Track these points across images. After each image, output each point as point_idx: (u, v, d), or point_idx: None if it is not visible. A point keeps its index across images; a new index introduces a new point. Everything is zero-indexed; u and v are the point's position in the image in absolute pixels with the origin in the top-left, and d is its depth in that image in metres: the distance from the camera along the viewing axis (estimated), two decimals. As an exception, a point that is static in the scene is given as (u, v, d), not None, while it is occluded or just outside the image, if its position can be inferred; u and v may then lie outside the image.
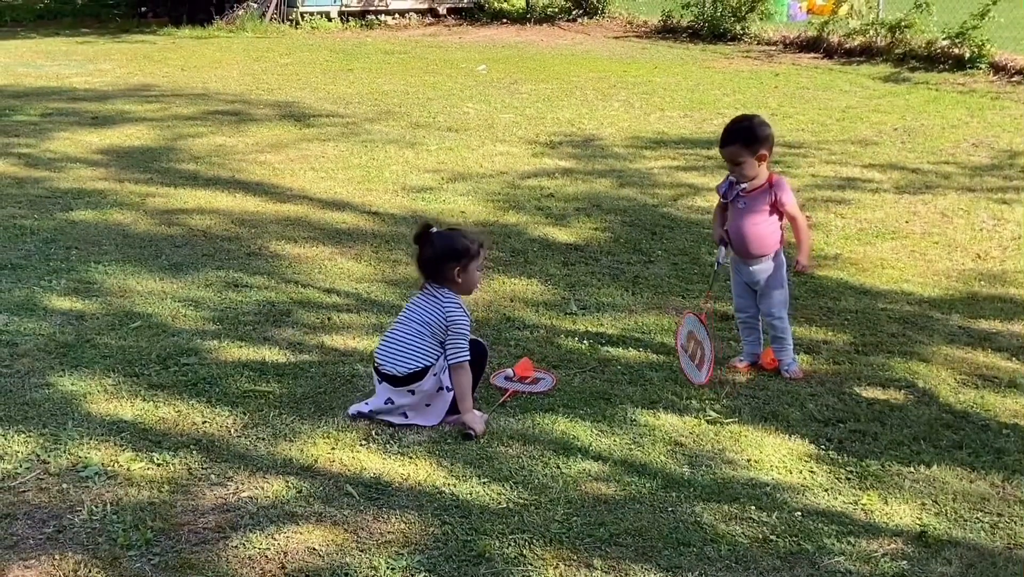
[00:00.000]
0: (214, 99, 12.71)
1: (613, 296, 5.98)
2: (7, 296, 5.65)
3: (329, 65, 15.92)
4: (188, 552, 3.39)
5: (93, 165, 9.05)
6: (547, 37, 19.87)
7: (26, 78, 14.36)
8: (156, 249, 6.63)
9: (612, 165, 9.32)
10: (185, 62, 16.21)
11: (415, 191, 8.31)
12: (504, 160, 9.52)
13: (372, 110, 12.01)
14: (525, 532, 3.53)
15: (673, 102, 12.62)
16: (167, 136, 10.36)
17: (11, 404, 4.35)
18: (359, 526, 3.56)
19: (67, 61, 16.31)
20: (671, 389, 4.72)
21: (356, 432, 4.21)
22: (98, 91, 13.23)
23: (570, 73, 15.07)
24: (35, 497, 3.67)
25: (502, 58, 16.84)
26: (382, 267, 6.42)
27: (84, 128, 10.67)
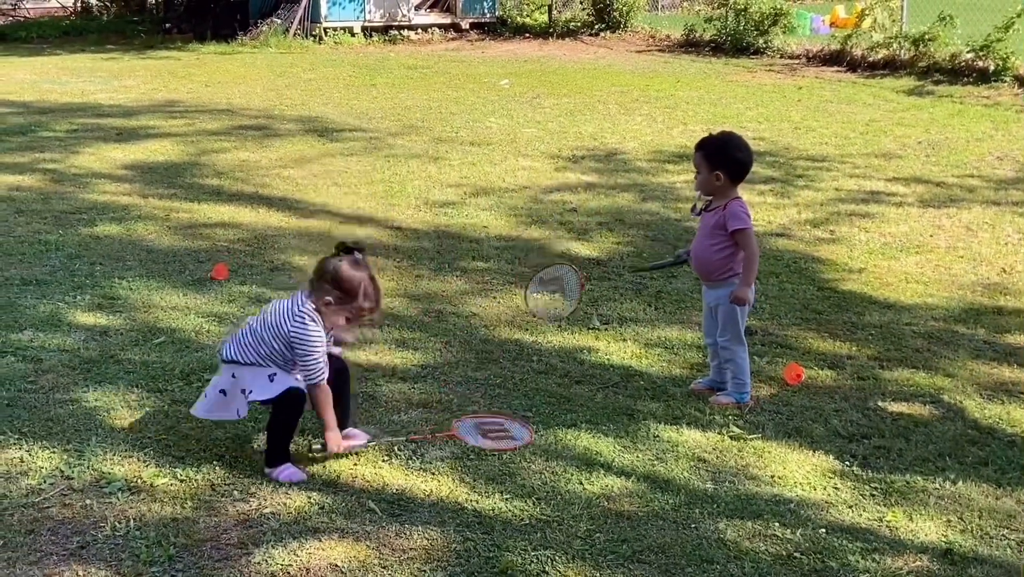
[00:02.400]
0: (238, 114, 12.78)
1: (636, 311, 5.97)
2: (32, 312, 5.69)
3: (352, 80, 15.99)
4: (211, 568, 3.39)
5: (118, 180, 9.11)
6: (570, 51, 19.91)
7: (52, 94, 14.48)
8: (180, 264, 6.66)
9: (635, 179, 9.31)
10: (209, 78, 16.32)
11: (438, 206, 8.32)
12: (527, 175, 9.52)
13: (395, 125, 12.05)
14: (548, 548, 3.52)
15: (696, 116, 12.60)
16: (191, 151, 10.43)
17: (35, 420, 4.37)
18: (381, 542, 3.55)
19: (92, 77, 16.44)
20: (694, 405, 4.70)
21: (379, 448, 4.21)
22: (123, 107, 13.33)
23: (593, 87, 15.09)
24: (59, 512, 3.69)
25: (525, 72, 16.88)
26: (404, 282, 6.42)
27: (109, 144, 10.75)
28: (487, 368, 5.10)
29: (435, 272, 6.65)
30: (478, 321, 5.77)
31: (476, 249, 7.19)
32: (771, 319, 5.85)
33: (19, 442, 4.16)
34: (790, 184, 9.10)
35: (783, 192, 8.81)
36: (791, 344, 5.46)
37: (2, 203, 8.18)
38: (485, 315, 5.87)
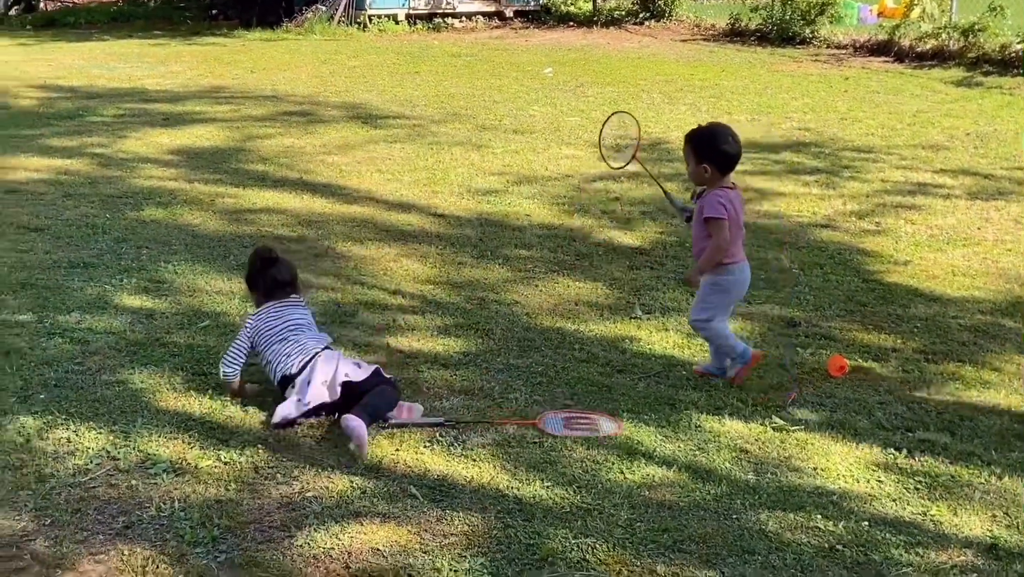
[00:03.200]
0: (283, 101, 12.85)
1: (678, 301, 5.94)
2: (80, 294, 5.76)
3: (396, 67, 16.03)
4: (254, 550, 3.42)
5: (164, 165, 9.19)
6: (614, 40, 19.83)
7: (100, 79, 14.63)
8: (225, 249, 6.71)
9: (679, 169, 9.22)
10: (255, 64, 16.42)
11: (480, 193, 8.32)
12: (570, 163, 9.51)
13: (438, 112, 12.07)
14: (588, 536, 3.52)
15: (741, 105, 12.52)
16: (237, 137, 10.50)
17: (82, 401, 4.43)
18: (423, 527, 3.57)
19: (139, 63, 16.60)
20: (736, 395, 4.67)
21: (421, 433, 4.22)
22: (170, 92, 13.45)
23: (637, 76, 15.02)
24: (105, 492, 3.74)
25: (568, 61, 16.83)
26: (447, 269, 6.44)
27: (156, 129, 10.85)
28: (529, 356, 5.10)
29: (477, 259, 6.65)
30: (520, 309, 5.77)
31: (519, 237, 7.19)
32: (815, 310, 5.80)
33: (66, 423, 4.22)
34: (836, 175, 9.01)
35: (828, 183, 8.73)
36: (835, 336, 5.42)
37: (51, 186, 8.29)
38: (527, 303, 5.87)
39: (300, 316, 4.64)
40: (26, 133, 10.54)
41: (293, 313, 4.62)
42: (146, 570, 3.28)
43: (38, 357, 4.87)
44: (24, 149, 9.71)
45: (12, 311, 5.46)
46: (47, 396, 4.46)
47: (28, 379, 4.63)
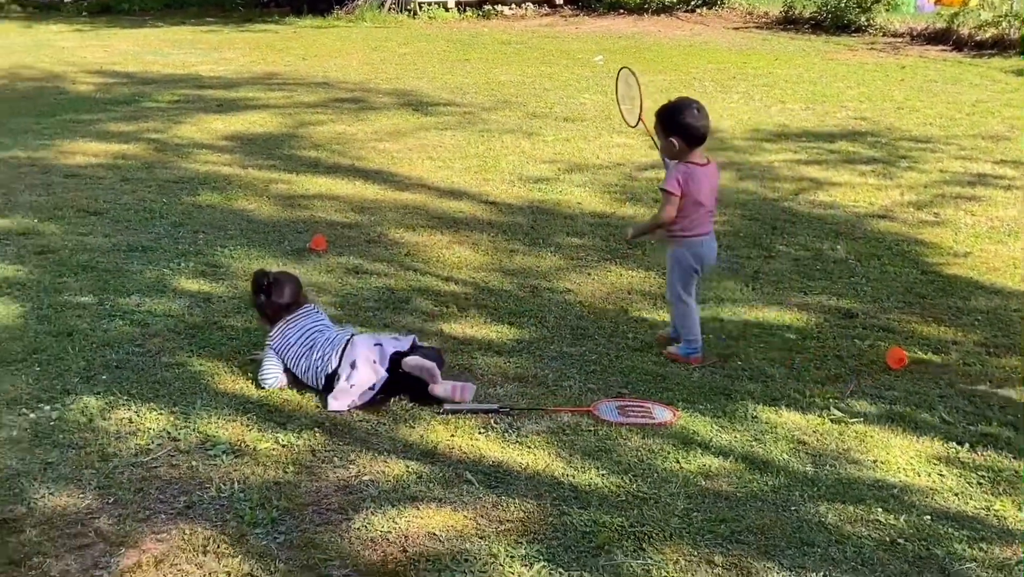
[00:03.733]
0: (334, 87, 12.91)
1: (732, 291, 5.90)
2: (139, 277, 5.82)
3: (446, 55, 16.04)
4: (312, 532, 3.45)
5: (219, 151, 9.27)
6: (665, 28, 19.71)
7: (154, 65, 14.78)
8: (279, 234, 6.76)
9: (731, 158, 9.19)
10: (306, 51, 16.50)
11: (531, 181, 8.31)
12: (621, 151, 9.47)
13: (489, 100, 12.06)
14: (645, 525, 3.51)
15: (795, 94, 12.40)
16: (289, 123, 10.56)
17: (143, 382, 4.49)
18: (478, 513, 3.57)
19: (193, 49, 16.74)
20: (793, 387, 4.64)
21: (475, 419, 4.23)
22: (223, 79, 13.55)
23: (688, 64, 14.93)
24: (166, 472, 3.78)
25: (619, 49, 16.75)
26: (499, 256, 6.44)
27: (210, 115, 10.94)
28: (582, 344, 5.09)
29: (529, 247, 6.65)
30: (573, 297, 5.76)
31: (570, 225, 7.17)
32: (873, 302, 5.74)
33: (128, 403, 4.28)
34: (893, 165, 8.90)
35: (886, 173, 8.62)
36: (893, 328, 5.36)
37: (109, 171, 8.39)
38: (580, 291, 5.86)
39: (315, 322, 4.60)
40: (84, 118, 10.67)
41: (307, 322, 4.57)
42: (207, 549, 3.32)
43: (100, 338, 4.93)
44: (82, 134, 9.84)
45: (74, 293, 5.54)
46: (109, 377, 4.52)
47: (90, 360, 4.69)
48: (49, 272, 5.87)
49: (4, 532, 3.38)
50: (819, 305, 5.68)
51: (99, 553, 3.29)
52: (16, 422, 4.10)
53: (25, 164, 8.58)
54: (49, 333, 4.99)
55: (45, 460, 3.83)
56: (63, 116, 10.78)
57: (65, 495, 3.61)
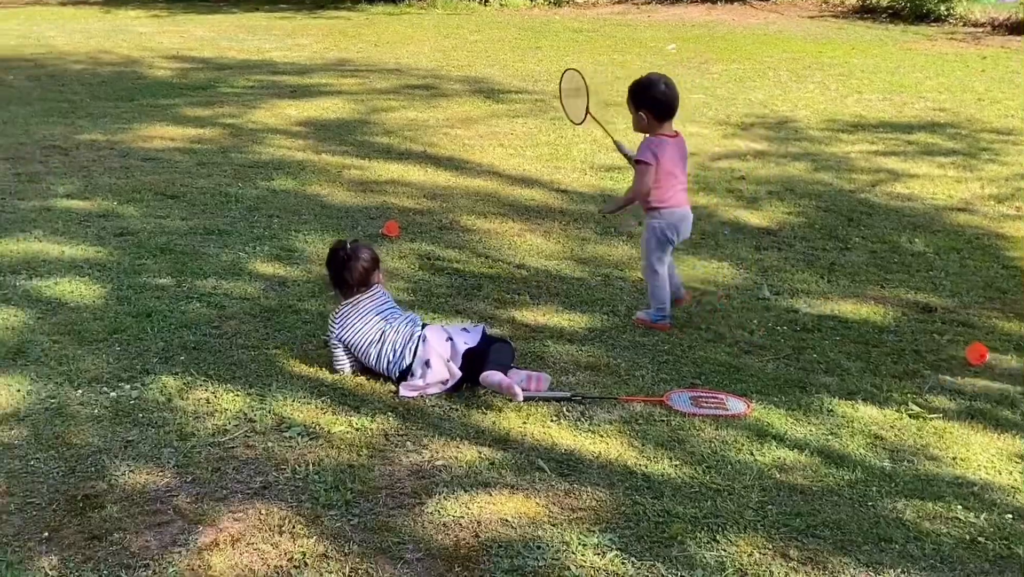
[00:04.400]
0: (406, 74, 12.96)
1: (808, 283, 5.83)
2: (215, 260, 5.90)
3: (518, 42, 16.02)
4: (385, 515, 3.47)
5: (292, 136, 9.36)
6: (738, 16, 19.49)
7: (229, 51, 14.95)
8: (352, 220, 6.81)
9: (807, 148, 9.07)
10: (378, 38, 16.59)
11: (603, 170, 8.28)
12: (694, 141, 9.36)
13: (560, 88, 12.01)
14: (718, 517, 3.48)
15: (872, 84, 12.20)
16: (362, 110, 10.63)
17: (220, 364, 4.55)
18: (551, 501, 3.57)
19: (267, 35, 16.90)
20: (870, 380, 4.57)
21: (547, 407, 4.23)
22: (297, 64, 13.67)
23: (762, 53, 14.75)
24: (243, 453, 3.83)
25: (692, 37, 16.61)
26: (570, 245, 6.42)
27: (284, 100, 11.04)
28: (655, 334, 5.06)
29: (601, 236, 6.62)
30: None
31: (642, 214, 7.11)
32: (952, 296, 5.63)
33: (205, 384, 4.34)
34: (973, 157, 8.72)
35: (966, 165, 8.45)
36: (974, 323, 5.25)
37: (186, 155, 8.51)
38: (653, 280, 5.82)
39: (380, 307, 4.51)
40: (161, 103, 10.83)
41: (372, 307, 4.49)
42: (282, 530, 3.36)
43: (178, 320, 5.01)
44: (160, 118, 9.99)
45: (153, 274, 5.63)
46: (187, 358, 4.59)
47: (169, 341, 4.77)
48: (128, 254, 5.97)
49: (86, 508, 3.45)
50: (897, 299, 5.59)
51: (177, 530, 3.35)
52: (97, 400, 4.18)
53: (104, 147, 8.74)
54: (129, 314, 5.07)
55: (126, 438, 3.90)
56: (141, 100, 10.95)
57: (145, 473, 3.67)
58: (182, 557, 3.20)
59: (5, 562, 3.15)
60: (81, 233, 6.34)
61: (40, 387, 4.29)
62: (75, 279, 5.53)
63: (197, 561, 3.19)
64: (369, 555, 3.25)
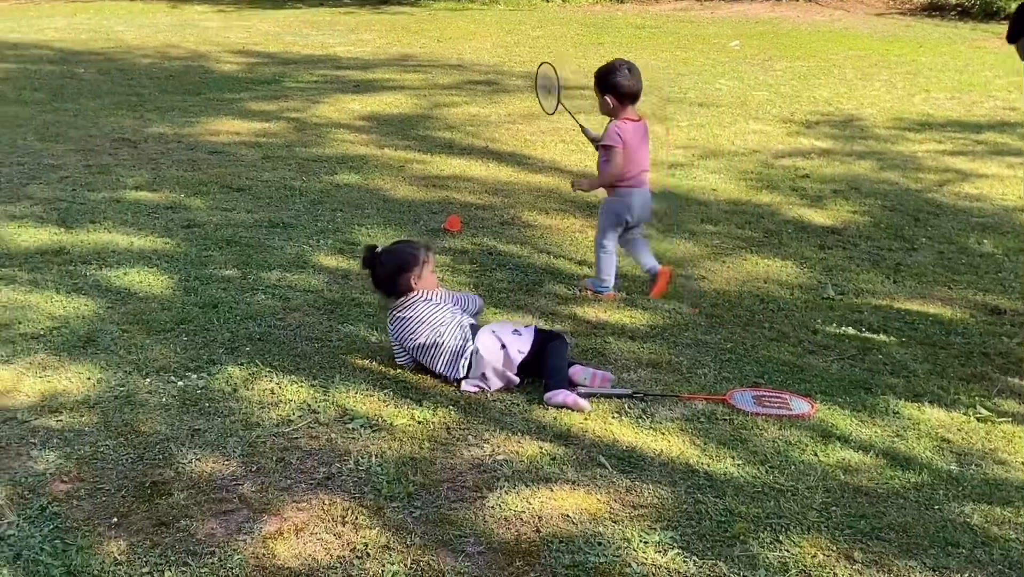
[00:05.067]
0: (468, 70, 13.00)
1: (873, 283, 5.76)
2: (281, 253, 5.97)
3: (579, 39, 16.00)
4: (447, 508, 3.49)
5: (355, 131, 9.43)
6: (803, 13, 19.29)
7: (294, 46, 15.10)
8: (415, 214, 6.85)
9: (872, 147, 8.97)
10: (441, 33, 16.65)
11: (665, 167, 8.24)
12: (757, 138, 9.32)
13: (623, 84, 11.97)
14: (781, 517, 3.45)
15: (940, 83, 12.01)
16: (424, 105, 10.68)
17: (285, 355, 4.60)
18: (612, 497, 3.57)
19: (330, 31, 17.04)
20: (936, 382, 4.51)
21: (608, 404, 4.22)
22: (360, 60, 13.77)
23: (827, 50, 14.59)
24: (307, 443, 3.87)
25: (756, 34, 16.47)
26: (633, 241, 6.39)
27: (347, 95, 11.13)
28: (717, 332, 5.03)
29: (663, 233, 6.59)
30: (707, 284, 5.70)
31: (704, 212, 7.10)
32: (1021, 299, 5.53)
33: (270, 375, 4.39)
34: (1044, 157, 8.57)
35: (1036, 166, 8.32)
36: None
37: (251, 148, 8.61)
38: (714, 279, 5.79)
39: (426, 313, 4.42)
40: (227, 97, 10.97)
41: (417, 315, 4.42)
42: (345, 520, 3.39)
43: (243, 311, 5.08)
44: (226, 112, 10.12)
45: (219, 266, 5.71)
46: (252, 349, 4.65)
47: (234, 332, 4.83)
48: (195, 245, 6.06)
49: (154, 494, 3.51)
50: (964, 300, 5.51)
51: (242, 519, 3.39)
52: (165, 389, 4.25)
53: (172, 140, 8.87)
54: (196, 304, 5.15)
55: (192, 427, 3.96)
56: (208, 94, 11.10)
57: (211, 461, 3.72)
58: (247, 545, 3.24)
59: (76, 546, 3.21)
60: (150, 224, 6.45)
61: (110, 375, 4.36)
62: (144, 269, 5.62)
63: (261, 549, 3.23)
64: (430, 547, 3.27)
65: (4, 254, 5.84)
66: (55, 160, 8.07)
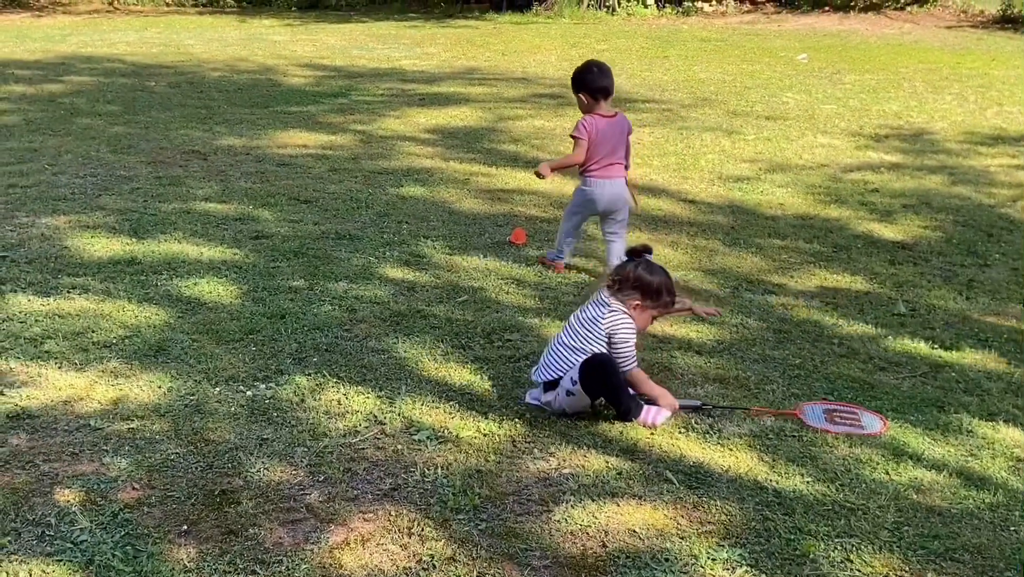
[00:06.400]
0: (533, 83, 13.03)
1: (945, 299, 5.66)
2: (347, 264, 6.01)
3: (645, 52, 15.96)
4: (512, 521, 3.48)
5: (421, 143, 9.48)
6: (872, 26, 19.07)
7: (360, 59, 15.25)
8: (480, 227, 6.86)
9: (943, 161, 8.83)
10: (505, 47, 16.71)
11: (732, 180, 8.19)
12: (825, 152, 9.22)
13: (688, 97, 11.94)
14: (852, 536, 3.40)
15: (1013, 96, 11.80)
16: (489, 118, 10.72)
17: (351, 366, 4.62)
18: (679, 513, 3.53)
19: (396, 44, 17.18)
20: (1011, 401, 4.41)
21: (675, 419, 4.19)
22: (425, 73, 13.86)
23: (897, 64, 14.40)
24: (373, 454, 3.88)
25: (823, 47, 16.31)
26: (698, 256, 6.36)
27: (413, 108, 11.21)
28: (785, 347, 4.98)
29: (729, 247, 6.54)
30: (775, 299, 5.64)
31: (772, 226, 7.03)
32: (1100, 316, 5.41)
33: (337, 385, 4.42)
34: (1122, 172, 8.37)
35: (1113, 181, 8.12)
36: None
37: (319, 161, 8.70)
38: (782, 293, 5.73)
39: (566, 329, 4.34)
40: (295, 110, 11.10)
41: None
42: (411, 532, 3.39)
43: (310, 322, 5.12)
44: (293, 124, 10.24)
45: (286, 277, 5.76)
46: (319, 359, 4.68)
47: (302, 342, 4.87)
48: (263, 256, 6.13)
49: (223, 502, 3.54)
50: (1039, 317, 5.39)
51: (310, 528, 3.41)
52: (234, 398, 4.29)
53: (241, 152, 8.98)
54: (264, 315, 5.20)
55: (260, 436, 3.99)
56: (276, 107, 11.24)
57: (279, 470, 3.75)
58: (314, 554, 3.26)
59: (146, 553, 3.25)
60: (219, 235, 6.53)
61: (180, 384, 4.42)
62: (213, 280, 5.69)
63: (328, 559, 3.24)
64: (496, 560, 3.26)
65: (78, 264, 5.95)
66: (127, 172, 8.22)
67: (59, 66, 14.56)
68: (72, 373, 4.50)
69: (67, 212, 7.00)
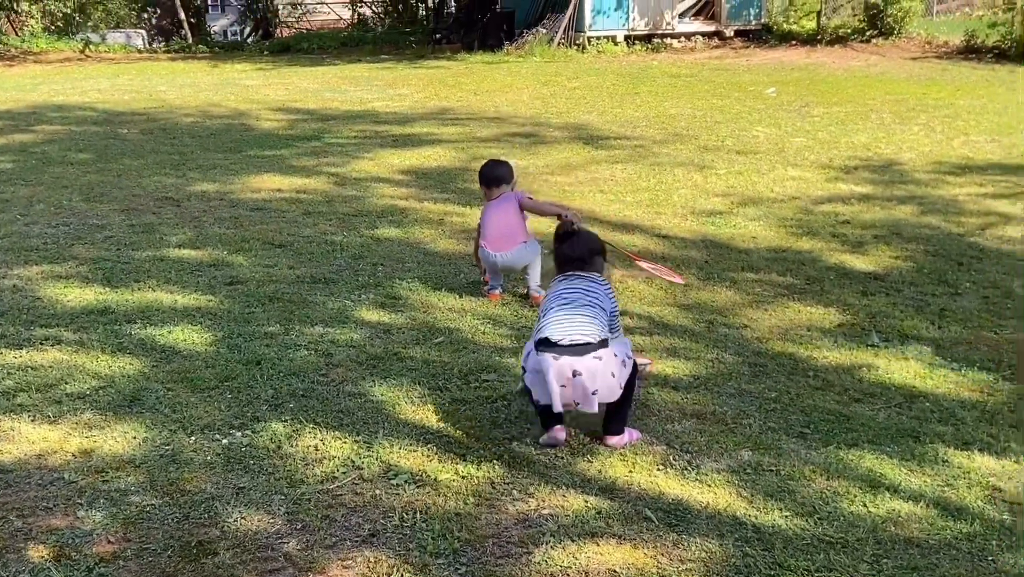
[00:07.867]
0: (506, 122, 13.10)
1: (918, 329, 5.70)
2: (323, 308, 6.01)
3: (616, 88, 16.09)
4: (492, 564, 3.46)
5: (395, 185, 9.51)
6: (839, 59, 19.31)
7: (332, 102, 15.30)
8: (455, 267, 6.87)
9: (913, 191, 8.92)
10: (477, 86, 16.81)
11: (704, 215, 8.24)
12: (796, 185, 9.30)
13: (659, 133, 12.03)
14: (832, 570, 3.40)
15: (979, 126, 11.96)
16: (463, 157, 10.76)
17: (328, 411, 4.61)
18: (659, 552, 3.53)
19: (368, 86, 17.26)
20: (985, 430, 4.44)
21: (653, 456, 4.20)
22: (398, 114, 13.92)
23: (864, 96, 14.57)
24: (351, 500, 3.87)
25: (792, 80, 16.49)
26: (674, 291, 6.39)
27: (386, 149, 11.24)
28: (761, 381, 5.00)
29: (704, 281, 6.58)
30: (750, 333, 5.67)
31: (745, 259, 7.07)
32: (1070, 343, 5.45)
33: (314, 431, 4.40)
34: (1088, 199, 8.48)
35: (1080, 207, 8.22)
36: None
37: (292, 204, 8.70)
38: (757, 327, 5.76)
39: (569, 297, 4.38)
40: (268, 154, 11.11)
41: (564, 294, 4.41)
42: (391, 578, 3.38)
43: (286, 367, 5.10)
44: (267, 168, 10.25)
45: (261, 323, 5.75)
46: (295, 405, 4.67)
47: (278, 388, 4.85)
48: (238, 302, 6.11)
49: (200, 554, 3.51)
50: (1011, 345, 5.43)
51: (288, 577, 3.39)
52: (210, 447, 4.27)
53: (214, 198, 8.98)
54: (239, 361, 5.18)
55: (237, 485, 3.97)
56: (249, 152, 11.25)
57: (256, 519, 3.73)
58: (293, 604, 3.24)
59: (123, 606, 3.22)
60: (193, 282, 6.51)
61: (155, 434, 4.39)
62: (187, 327, 5.67)
63: (308, 608, 3.22)
64: (477, 604, 3.25)
65: (50, 314, 5.92)
66: (100, 220, 8.20)
67: (30, 115, 14.55)
68: (45, 426, 4.47)
69: (39, 262, 6.97)
